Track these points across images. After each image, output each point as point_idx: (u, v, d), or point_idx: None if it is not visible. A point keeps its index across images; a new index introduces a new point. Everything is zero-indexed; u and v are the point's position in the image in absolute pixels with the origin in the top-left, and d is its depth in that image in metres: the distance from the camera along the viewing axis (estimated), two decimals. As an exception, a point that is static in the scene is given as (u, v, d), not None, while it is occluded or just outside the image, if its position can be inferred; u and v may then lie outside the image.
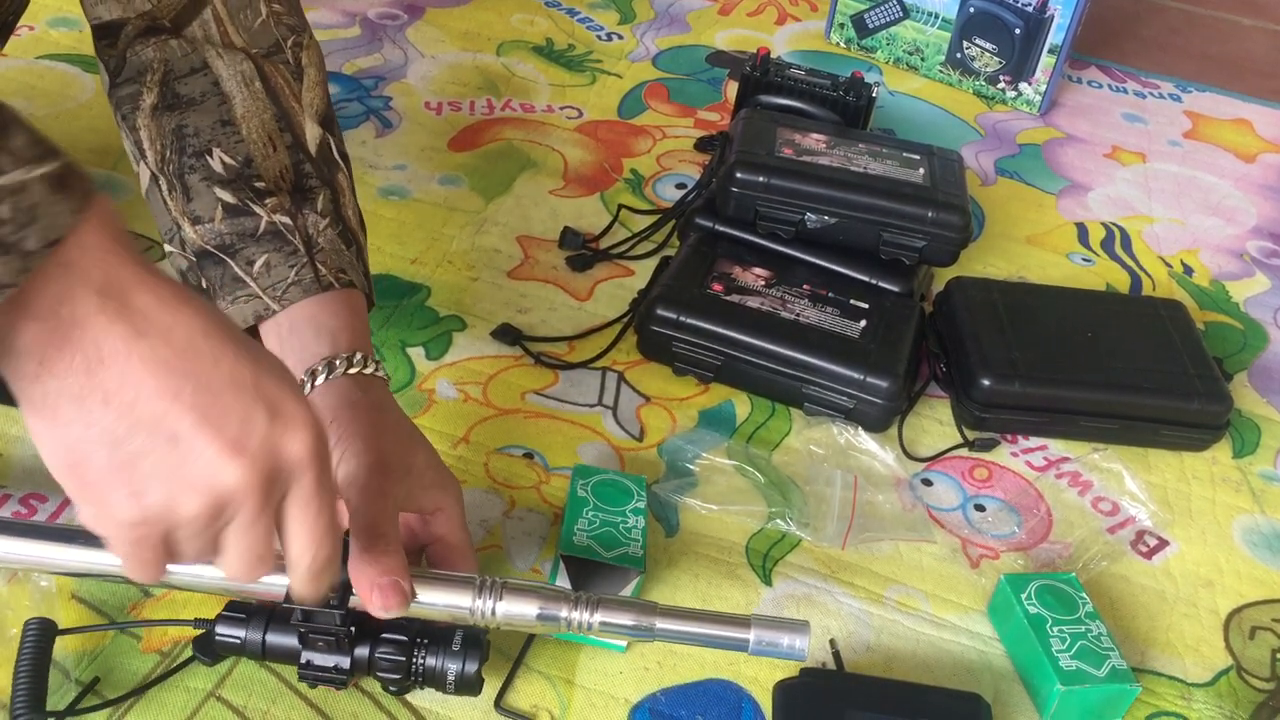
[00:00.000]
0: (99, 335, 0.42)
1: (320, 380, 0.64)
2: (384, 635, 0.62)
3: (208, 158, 0.69)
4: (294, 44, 0.74)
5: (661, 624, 0.60)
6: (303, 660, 0.62)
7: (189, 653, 0.67)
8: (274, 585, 0.59)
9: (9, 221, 0.39)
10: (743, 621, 0.61)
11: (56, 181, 0.40)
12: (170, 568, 0.50)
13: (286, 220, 0.69)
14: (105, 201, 0.43)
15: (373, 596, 0.58)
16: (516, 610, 0.60)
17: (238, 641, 0.62)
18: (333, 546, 0.51)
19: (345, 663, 0.62)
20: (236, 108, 0.70)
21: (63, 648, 0.67)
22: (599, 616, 0.60)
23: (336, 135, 0.75)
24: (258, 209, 0.68)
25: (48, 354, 0.41)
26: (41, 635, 0.64)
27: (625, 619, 0.60)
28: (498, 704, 0.68)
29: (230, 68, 0.70)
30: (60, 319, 0.41)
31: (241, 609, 0.63)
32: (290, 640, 0.62)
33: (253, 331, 0.68)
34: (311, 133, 0.72)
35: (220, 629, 0.62)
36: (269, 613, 0.62)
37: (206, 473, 0.44)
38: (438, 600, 0.60)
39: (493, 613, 0.60)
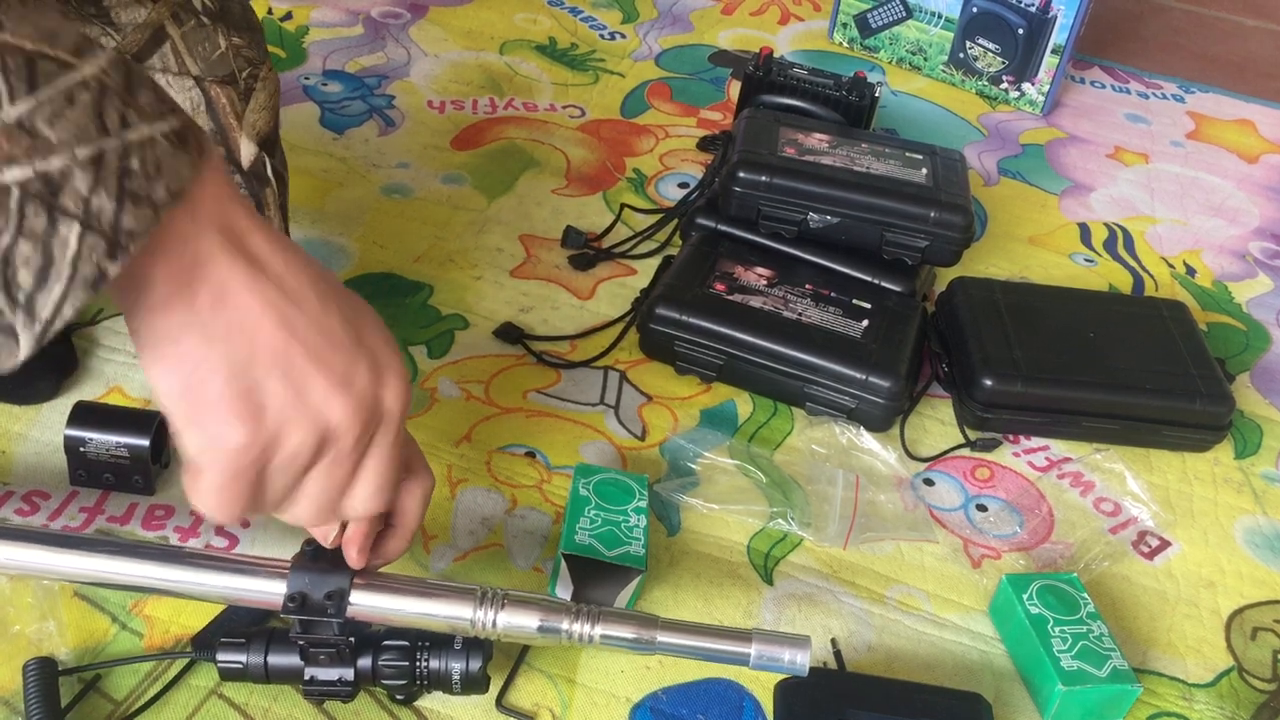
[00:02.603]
0: (222, 273, 0.45)
1: None
2: (385, 643, 0.62)
3: None
4: (249, 75, 0.76)
5: (662, 638, 0.60)
6: (306, 677, 0.62)
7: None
8: (272, 594, 0.59)
9: (138, 174, 0.42)
10: (744, 636, 0.61)
11: (177, 137, 0.43)
12: (165, 575, 0.54)
13: None
14: (218, 155, 0.46)
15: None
16: (517, 622, 0.60)
17: (240, 666, 0.62)
18: (392, 493, 0.53)
19: (349, 674, 0.61)
20: None
21: (64, 646, 0.67)
22: (600, 629, 0.60)
23: (277, 157, 0.77)
24: None
25: (175, 289, 0.44)
26: (44, 676, 0.64)
27: (626, 632, 0.60)
28: (499, 703, 0.68)
29: (180, 94, 0.73)
30: (185, 257, 0.44)
31: (239, 634, 0.63)
32: (292, 659, 0.62)
33: None
34: (246, 150, 0.75)
35: (221, 655, 0.62)
36: (268, 634, 0.62)
37: (316, 406, 0.47)
38: (438, 611, 0.60)
39: (493, 624, 0.60)
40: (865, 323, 0.92)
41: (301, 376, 0.47)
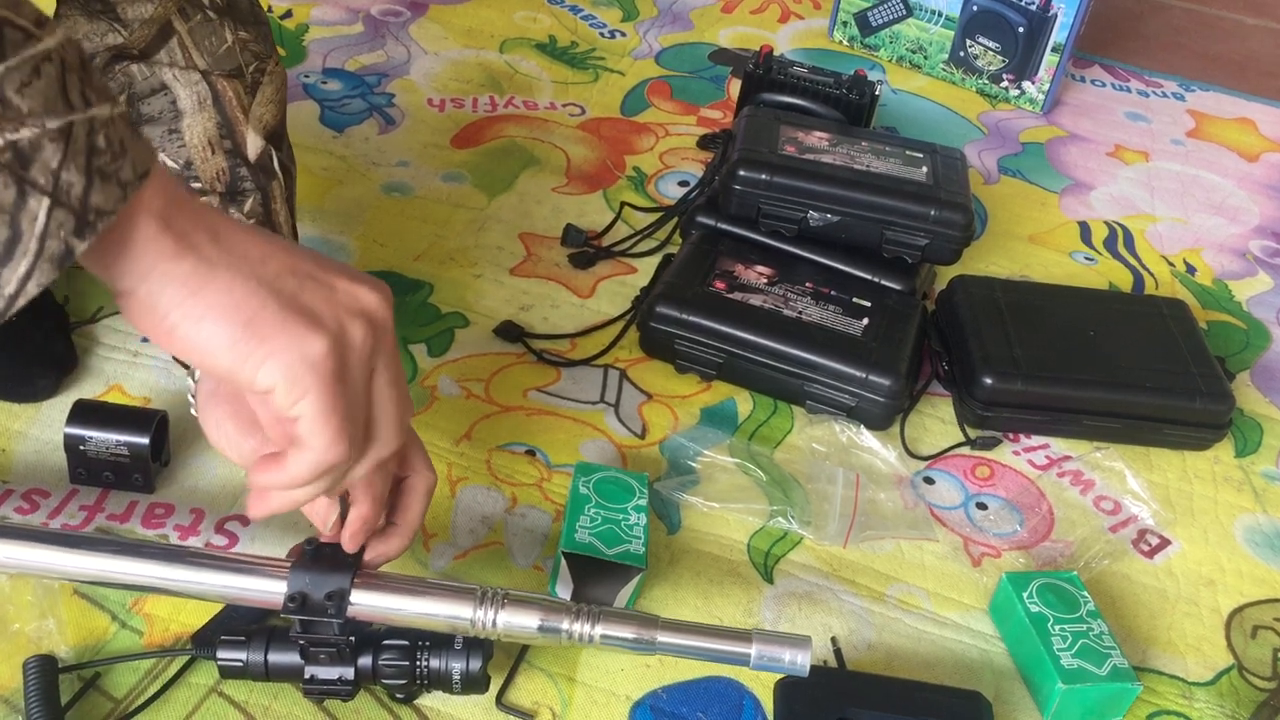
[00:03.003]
0: (205, 214, 0.47)
1: None
2: (385, 642, 0.62)
3: None
4: (256, 69, 0.76)
5: (663, 638, 0.60)
6: (307, 675, 0.62)
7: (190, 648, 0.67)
8: (272, 594, 0.59)
9: (106, 151, 0.42)
10: (744, 636, 0.60)
11: (128, 120, 0.44)
12: (165, 574, 0.55)
13: None
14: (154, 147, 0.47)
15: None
16: (517, 622, 0.60)
17: (240, 664, 0.62)
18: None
19: (349, 673, 0.61)
20: (185, 119, 0.73)
21: (64, 644, 0.67)
22: (600, 629, 0.60)
23: (283, 151, 0.78)
24: None
25: (174, 234, 0.45)
26: (44, 674, 0.63)
27: (626, 632, 0.60)
28: (499, 701, 0.68)
29: (187, 88, 0.73)
30: (170, 205, 0.45)
31: (240, 632, 0.63)
32: (293, 657, 0.62)
33: None
34: (253, 143, 0.75)
35: (222, 653, 0.62)
36: (269, 632, 0.62)
37: (351, 297, 0.50)
38: (438, 611, 0.60)
39: (493, 624, 0.60)
40: (865, 321, 0.92)
41: (323, 278, 0.49)
